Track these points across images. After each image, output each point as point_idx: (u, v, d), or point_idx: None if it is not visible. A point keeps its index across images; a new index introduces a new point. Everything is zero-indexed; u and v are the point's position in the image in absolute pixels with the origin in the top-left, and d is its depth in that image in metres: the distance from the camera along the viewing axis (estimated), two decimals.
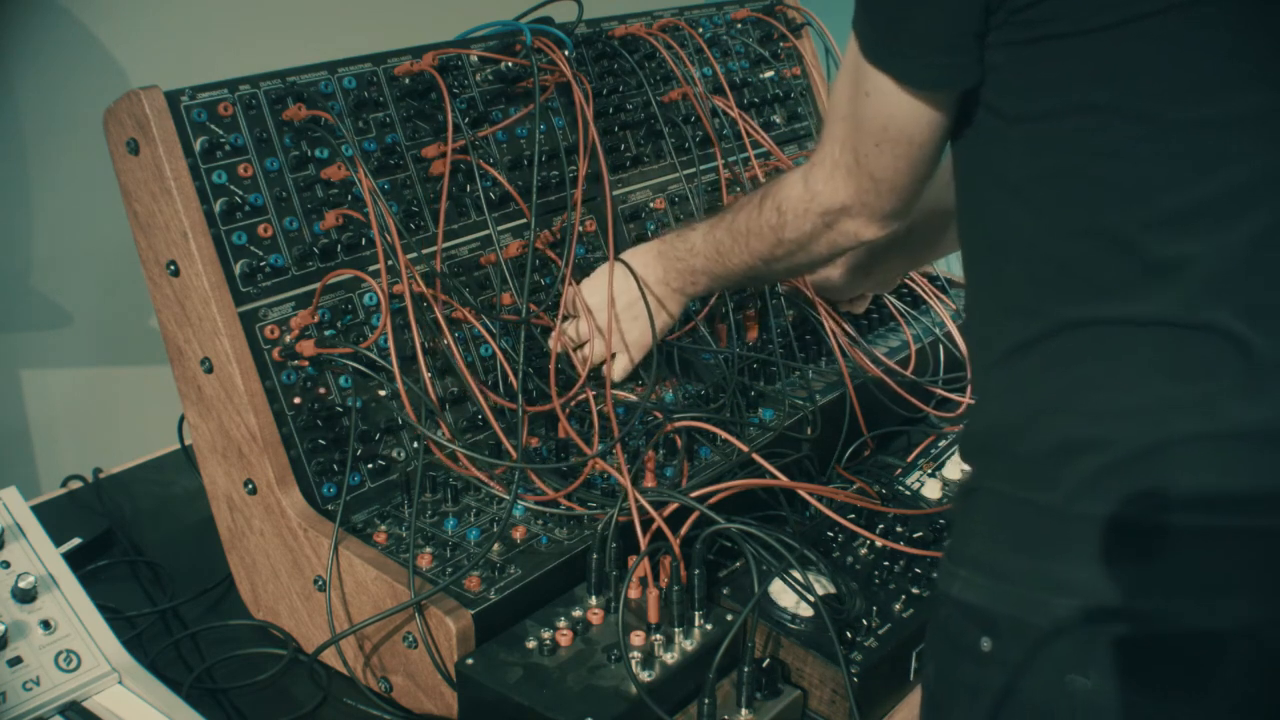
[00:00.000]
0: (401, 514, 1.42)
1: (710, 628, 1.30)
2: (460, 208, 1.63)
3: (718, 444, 1.54)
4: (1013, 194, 1.06)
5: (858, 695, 1.26)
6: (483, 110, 1.68)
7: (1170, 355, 1.00)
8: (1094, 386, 1.03)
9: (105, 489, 1.75)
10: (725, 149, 1.93)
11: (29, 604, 1.25)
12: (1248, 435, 0.99)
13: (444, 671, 1.27)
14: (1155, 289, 1.00)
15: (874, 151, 1.19)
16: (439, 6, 2.30)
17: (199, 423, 1.45)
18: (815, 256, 1.41)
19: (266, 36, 2.31)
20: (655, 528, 1.35)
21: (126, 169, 1.41)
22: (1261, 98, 0.98)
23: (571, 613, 1.31)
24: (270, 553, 1.42)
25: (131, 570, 1.58)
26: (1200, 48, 0.98)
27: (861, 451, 1.70)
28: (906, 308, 1.92)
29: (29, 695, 1.19)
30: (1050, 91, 1.02)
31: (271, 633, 1.45)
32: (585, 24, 1.84)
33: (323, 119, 1.49)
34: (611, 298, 1.59)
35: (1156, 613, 1.01)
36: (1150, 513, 1.00)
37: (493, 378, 1.58)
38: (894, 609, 1.36)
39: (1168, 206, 0.99)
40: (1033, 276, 1.06)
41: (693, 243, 1.55)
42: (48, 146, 2.09)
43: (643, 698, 1.19)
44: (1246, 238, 0.99)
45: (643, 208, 1.85)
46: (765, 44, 2.13)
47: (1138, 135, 0.99)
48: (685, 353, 1.70)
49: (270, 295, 1.44)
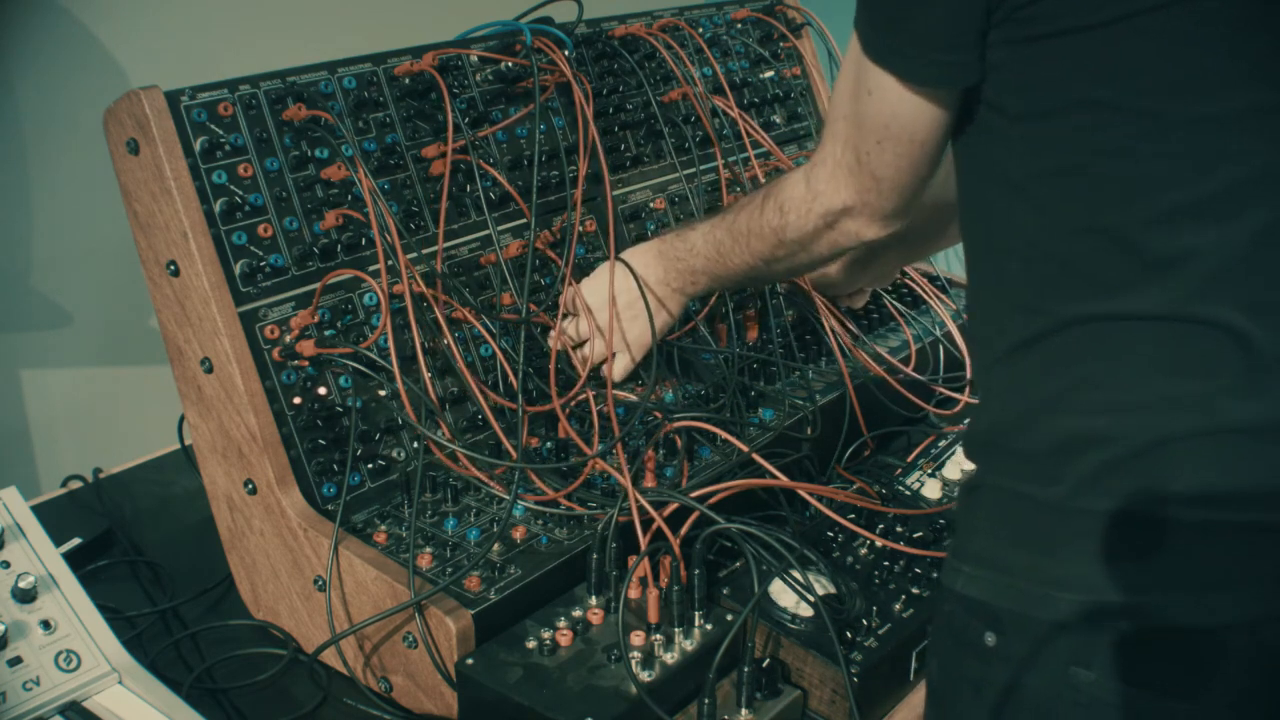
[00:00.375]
0: (401, 514, 1.42)
1: (710, 628, 1.30)
2: (460, 208, 1.63)
3: (718, 444, 1.54)
4: (1014, 192, 1.07)
5: (858, 695, 1.26)
6: (483, 110, 1.68)
7: (1171, 351, 1.01)
8: (1095, 383, 1.03)
9: (105, 489, 1.75)
10: (725, 149, 1.93)
11: (29, 604, 1.25)
12: (1248, 430, 1.00)
13: (444, 671, 1.27)
14: (1156, 285, 1.00)
15: (876, 150, 1.19)
16: (439, 6, 2.30)
17: (199, 423, 1.45)
18: (816, 256, 1.41)
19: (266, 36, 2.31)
20: (655, 528, 1.35)
21: (126, 169, 1.41)
22: (1261, 95, 0.99)
23: (571, 613, 1.31)
24: (270, 553, 1.42)
25: (131, 570, 1.58)
26: (1200, 45, 0.98)
27: (861, 451, 1.70)
28: (906, 308, 1.92)
29: (29, 695, 1.19)
30: (1051, 89, 1.02)
31: (271, 633, 1.45)
32: (585, 24, 1.84)
33: (323, 119, 1.49)
34: (613, 297, 1.59)
35: (1156, 607, 1.01)
36: (1151, 508, 1.00)
37: (493, 378, 1.58)
38: (894, 609, 1.36)
39: (1169, 203, 0.99)
40: (1034, 274, 1.07)
41: (693, 243, 1.55)
42: (48, 146, 2.08)
43: (643, 698, 1.19)
44: (1247, 234, 0.99)
45: (643, 208, 1.85)
46: (765, 44, 2.13)
47: (1138, 132, 0.99)
48: (685, 353, 1.70)
49: (270, 295, 1.44)
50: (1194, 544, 1.01)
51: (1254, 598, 1.01)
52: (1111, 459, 1.02)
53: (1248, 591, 1.01)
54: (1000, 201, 1.09)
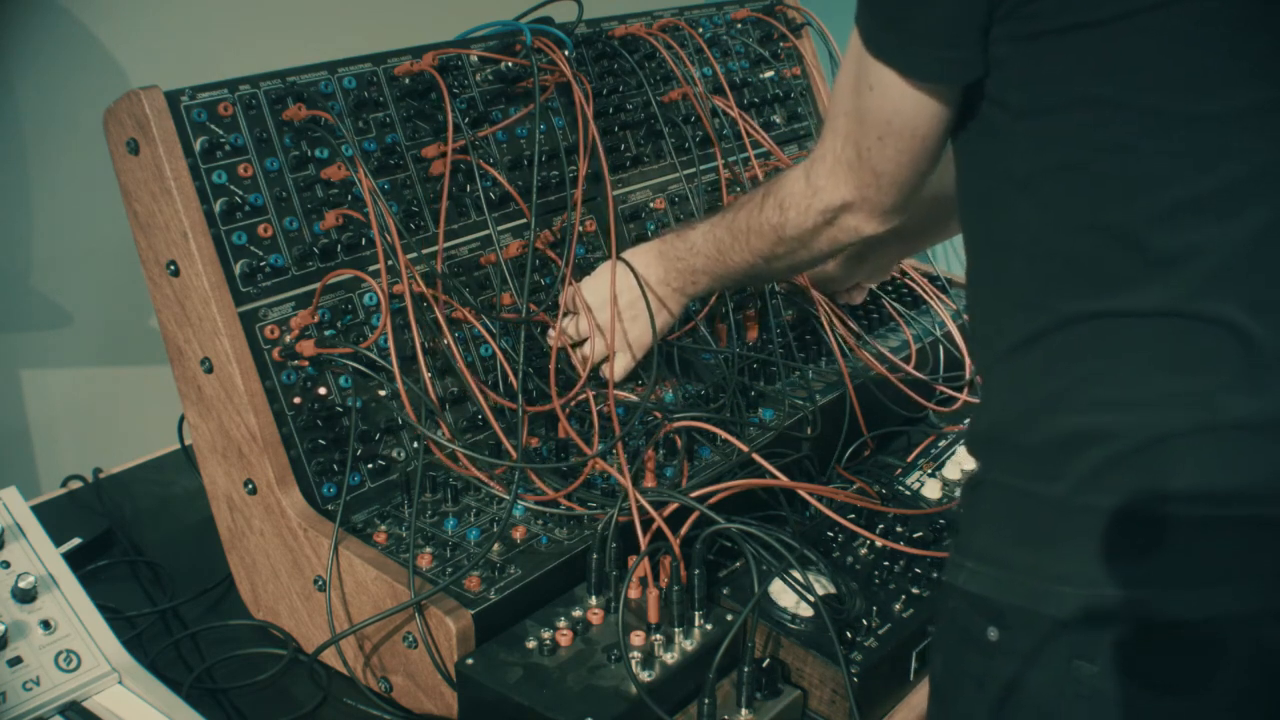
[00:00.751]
0: (401, 514, 1.42)
1: (710, 628, 1.30)
2: (460, 208, 1.63)
3: (718, 444, 1.54)
4: (1017, 189, 1.07)
5: (858, 695, 1.26)
6: (483, 110, 1.68)
7: (1172, 348, 1.01)
8: (1097, 380, 1.04)
9: (105, 489, 1.75)
10: (725, 149, 1.93)
11: (29, 604, 1.25)
12: (1249, 427, 1.00)
13: (444, 671, 1.27)
14: (1158, 282, 1.01)
15: (877, 146, 1.19)
16: (439, 6, 2.30)
17: (199, 423, 1.45)
18: (816, 253, 1.41)
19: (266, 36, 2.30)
20: (655, 528, 1.35)
21: (126, 169, 1.41)
22: (1262, 93, 0.99)
23: (571, 613, 1.31)
24: (270, 553, 1.42)
25: (131, 570, 1.58)
26: (1201, 43, 0.99)
27: (861, 451, 1.70)
28: (906, 308, 1.92)
29: (29, 695, 1.19)
30: (1054, 86, 1.03)
31: (271, 633, 1.45)
32: (585, 24, 1.84)
33: (323, 119, 1.49)
34: (614, 296, 1.59)
35: (1157, 601, 1.02)
36: (1152, 504, 1.01)
37: (493, 378, 1.58)
38: (894, 609, 1.36)
39: (1170, 201, 1.00)
40: (1036, 271, 1.07)
41: (693, 242, 1.55)
42: (48, 146, 2.08)
43: (643, 698, 1.19)
44: (1249, 232, 1.00)
45: (643, 208, 1.85)
46: (765, 44, 2.13)
47: (1139, 130, 1.00)
48: (685, 353, 1.70)
49: (270, 295, 1.44)
50: (1195, 539, 1.01)
51: (1254, 592, 1.01)
52: (1113, 455, 1.02)
53: (1248, 586, 1.01)
54: (1002, 198, 1.09)
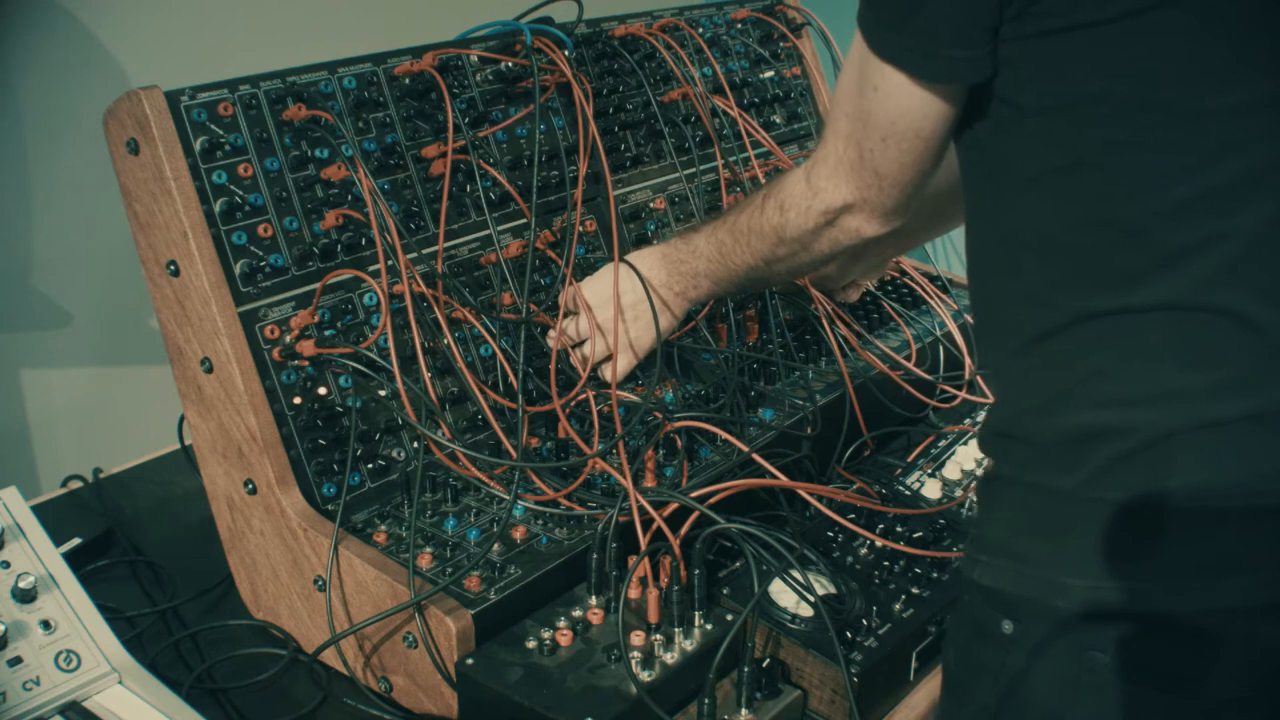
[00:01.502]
0: (401, 514, 1.42)
1: (710, 628, 1.30)
2: (460, 208, 1.63)
3: (718, 444, 1.54)
4: (1026, 186, 1.07)
5: (858, 695, 1.26)
6: (483, 110, 1.68)
7: (1181, 342, 1.03)
8: (1108, 376, 1.05)
9: (105, 489, 1.75)
10: (725, 149, 1.93)
11: (29, 604, 1.25)
12: (1258, 418, 1.01)
13: (444, 671, 1.27)
14: (1167, 276, 1.02)
15: (880, 147, 1.19)
16: (439, 6, 2.30)
17: (199, 423, 1.45)
18: (817, 255, 1.41)
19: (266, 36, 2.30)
20: (655, 528, 1.35)
21: (126, 169, 1.41)
22: (1267, 89, 1.00)
23: (571, 613, 1.31)
24: (270, 553, 1.42)
25: (131, 570, 1.58)
26: (1207, 40, 1.00)
27: (861, 451, 1.70)
28: (906, 308, 1.92)
29: (29, 695, 1.19)
30: (1062, 83, 1.03)
31: (271, 633, 1.45)
32: (585, 24, 1.84)
33: (323, 119, 1.49)
34: (616, 296, 1.59)
35: (1167, 593, 1.03)
36: (1163, 498, 1.02)
37: (493, 378, 1.58)
38: (894, 609, 1.36)
39: (1179, 196, 1.01)
40: (1048, 268, 1.08)
41: (696, 244, 1.55)
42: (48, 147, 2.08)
43: (643, 698, 1.19)
44: (1257, 224, 1.01)
45: (643, 208, 1.85)
46: (765, 44, 2.13)
47: (1148, 125, 1.01)
48: (685, 353, 1.70)
49: (270, 295, 1.44)
50: (1205, 532, 1.03)
51: (1261, 583, 1.03)
52: (1124, 451, 1.04)
53: (1255, 577, 1.03)
54: (1011, 196, 1.09)
